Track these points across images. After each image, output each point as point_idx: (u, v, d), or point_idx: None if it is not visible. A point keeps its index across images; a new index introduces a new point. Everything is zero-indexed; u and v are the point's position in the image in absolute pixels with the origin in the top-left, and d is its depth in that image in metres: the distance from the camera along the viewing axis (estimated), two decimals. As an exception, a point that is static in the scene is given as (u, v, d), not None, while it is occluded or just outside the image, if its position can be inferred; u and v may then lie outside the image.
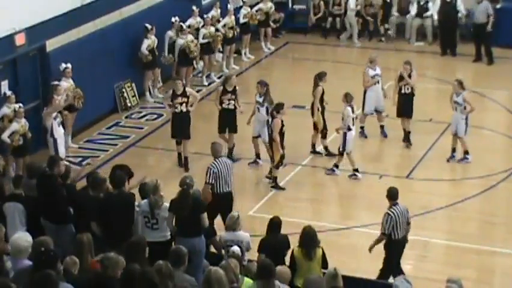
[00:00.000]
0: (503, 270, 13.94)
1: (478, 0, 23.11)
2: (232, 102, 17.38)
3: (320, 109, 17.60)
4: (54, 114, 16.66)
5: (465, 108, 17.40)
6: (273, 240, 11.57)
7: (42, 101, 17.91)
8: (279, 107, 16.33)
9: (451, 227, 14.97)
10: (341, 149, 16.99)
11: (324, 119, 17.66)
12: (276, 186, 16.58)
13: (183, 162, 17.34)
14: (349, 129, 16.83)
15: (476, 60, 23.42)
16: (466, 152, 17.50)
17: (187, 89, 17.26)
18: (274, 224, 11.68)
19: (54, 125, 16.68)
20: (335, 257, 11.73)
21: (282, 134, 16.22)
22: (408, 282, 9.34)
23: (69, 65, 17.87)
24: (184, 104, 17.04)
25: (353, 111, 16.91)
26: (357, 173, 17.02)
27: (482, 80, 22.30)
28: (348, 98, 16.90)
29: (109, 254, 9.34)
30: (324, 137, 17.85)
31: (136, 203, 12.04)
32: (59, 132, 16.78)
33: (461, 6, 23.85)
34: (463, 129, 17.32)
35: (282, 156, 16.34)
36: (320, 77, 17.65)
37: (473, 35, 23.69)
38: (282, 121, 16.16)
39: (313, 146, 17.97)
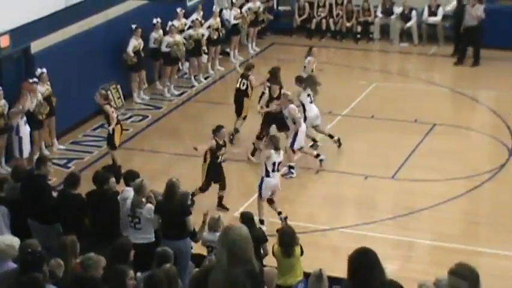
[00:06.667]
0: (488, 270, 13.87)
1: (473, 3, 22.86)
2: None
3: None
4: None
5: None
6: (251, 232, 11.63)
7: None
8: None
9: (436, 227, 15.01)
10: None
11: None
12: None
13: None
14: None
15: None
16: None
17: (104, 107, 16.96)
18: (247, 217, 11.76)
19: (20, 122, 16.64)
20: (319, 258, 11.76)
21: None
22: None
23: (44, 70, 17.73)
24: None
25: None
26: (293, 170, 17.05)
27: (467, 81, 22.36)
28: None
29: (89, 255, 9.36)
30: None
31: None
32: (24, 130, 16.71)
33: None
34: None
35: None
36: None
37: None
38: None
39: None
